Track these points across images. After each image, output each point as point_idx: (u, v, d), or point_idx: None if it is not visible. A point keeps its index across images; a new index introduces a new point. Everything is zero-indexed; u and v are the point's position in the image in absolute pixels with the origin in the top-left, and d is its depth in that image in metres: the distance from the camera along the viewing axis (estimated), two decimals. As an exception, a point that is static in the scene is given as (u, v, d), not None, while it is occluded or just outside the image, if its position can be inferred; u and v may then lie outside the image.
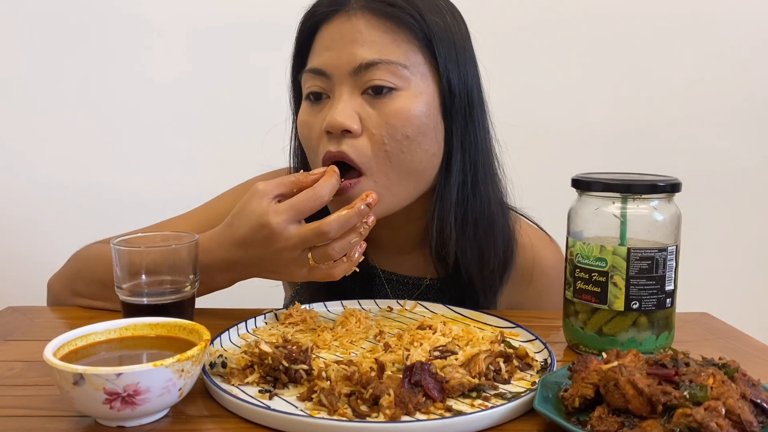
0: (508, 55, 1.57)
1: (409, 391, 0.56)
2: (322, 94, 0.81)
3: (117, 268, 0.72)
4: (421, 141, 0.79)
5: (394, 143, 0.78)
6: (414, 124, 0.78)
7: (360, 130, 0.78)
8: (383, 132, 0.78)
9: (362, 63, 0.77)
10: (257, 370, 0.62)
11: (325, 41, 0.81)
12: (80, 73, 1.54)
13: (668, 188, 0.69)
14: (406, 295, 0.94)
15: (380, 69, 0.77)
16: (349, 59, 0.78)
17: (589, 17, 1.57)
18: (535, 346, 0.72)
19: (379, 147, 0.78)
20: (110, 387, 0.51)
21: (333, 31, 0.80)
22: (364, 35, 0.78)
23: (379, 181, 0.79)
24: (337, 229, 0.71)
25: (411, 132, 0.78)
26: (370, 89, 0.78)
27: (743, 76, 1.59)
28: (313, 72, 0.81)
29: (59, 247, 1.38)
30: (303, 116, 0.83)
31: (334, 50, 0.79)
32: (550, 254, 0.94)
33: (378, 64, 0.77)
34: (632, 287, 0.68)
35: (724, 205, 1.63)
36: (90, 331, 0.61)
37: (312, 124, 0.81)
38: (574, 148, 1.59)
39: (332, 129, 0.77)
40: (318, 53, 0.82)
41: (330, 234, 0.71)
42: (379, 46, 0.78)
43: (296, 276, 0.76)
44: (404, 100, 0.78)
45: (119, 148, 1.58)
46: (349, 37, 0.78)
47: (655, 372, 0.53)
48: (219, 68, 1.56)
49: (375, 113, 0.78)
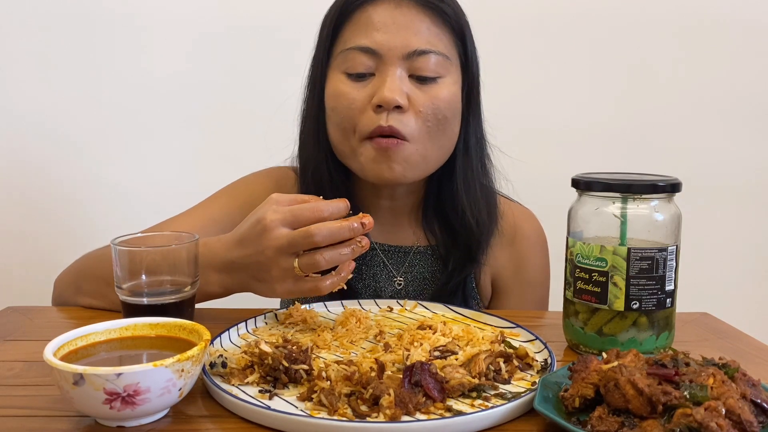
0: (508, 55, 1.57)
1: (409, 391, 0.56)
2: (366, 72, 0.87)
3: (117, 268, 0.72)
4: (453, 122, 0.90)
5: (435, 121, 0.87)
6: (452, 107, 0.89)
7: (407, 107, 0.86)
8: (429, 111, 0.87)
9: (416, 50, 0.86)
10: (257, 370, 0.62)
11: (375, 23, 0.87)
12: (80, 73, 1.54)
13: (668, 188, 0.69)
14: (400, 262, 1.00)
15: (430, 58, 0.86)
16: (404, 44, 0.86)
17: (590, 17, 1.57)
18: (535, 346, 0.72)
19: (424, 122, 0.87)
20: (110, 387, 0.51)
21: (382, 15, 0.87)
22: (415, 24, 0.86)
23: (419, 150, 0.88)
24: (326, 235, 0.71)
25: (449, 114, 0.89)
26: (419, 75, 0.87)
27: (744, 76, 1.59)
28: (362, 50, 0.87)
29: (60, 248, 1.39)
30: (343, 88, 0.88)
31: (387, 33, 0.86)
32: (529, 221, 1.05)
33: (429, 53, 0.86)
34: (632, 287, 0.68)
35: (724, 205, 1.63)
36: (90, 331, 0.61)
37: (354, 97, 0.87)
38: (574, 148, 1.59)
39: (386, 104, 0.84)
40: (366, 33, 0.87)
41: (316, 238, 0.71)
42: (428, 37, 0.87)
43: (282, 286, 0.75)
44: (447, 87, 0.88)
45: (121, 147, 1.58)
46: (401, 23, 0.86)
47: (655, 372, 0.53)
48: (221, 68, 1.56)
49: (422, 94, 0.87)
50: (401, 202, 0.99)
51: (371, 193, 0.99)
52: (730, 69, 1.59)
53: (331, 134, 0.92)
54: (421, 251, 1.00)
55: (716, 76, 1.59)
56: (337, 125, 0.90)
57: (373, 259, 1.00)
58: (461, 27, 0.90)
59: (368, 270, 1.00)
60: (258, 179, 1.05)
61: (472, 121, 0.94)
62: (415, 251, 1.00)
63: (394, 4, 0.87)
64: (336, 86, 0.89)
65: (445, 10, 0.88)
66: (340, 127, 0.89)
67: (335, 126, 0.90)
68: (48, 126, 1.55)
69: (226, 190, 1.04)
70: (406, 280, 1.00)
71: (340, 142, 0.90)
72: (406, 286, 1.00)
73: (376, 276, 1.00)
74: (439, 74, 0.87)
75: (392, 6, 0.87)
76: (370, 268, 1.00)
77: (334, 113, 0.89)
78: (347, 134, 0.89)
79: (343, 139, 0.90)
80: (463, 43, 0.91)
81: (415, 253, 1.00)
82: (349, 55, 0.87)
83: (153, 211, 1.17)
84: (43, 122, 1.55)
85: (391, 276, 1.00)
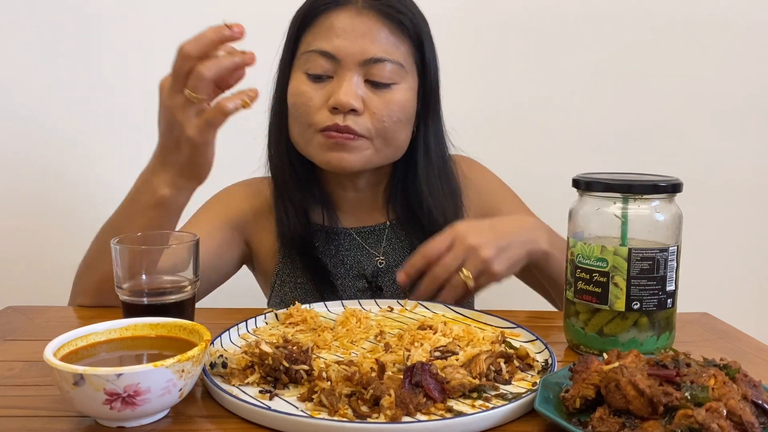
0: (508, 56, 1.57)
1: (409, 391, 0.56)
2: (324, 75, 0.92)
3: (117, 268, 0.72)
4: (407, 125, 0.97)
5: (390, 123, 0.93)
6: (405, 112, 0.95)
7: (362, 110, 0.92)
8: (383, 114, 0.92)
9: (372, 57, 0.91)
10: (257, 371, 0.62)
11: (335, 29, 0.91)
12: (80, 73, 1.54)
13: (669, 188, 0.69)
14: (377, 241, 1.05)
15: (386, 66, 0.92)
16: (361, 51, 0.91)
17: (591, 18, 1.56)
18: (535, 347, 0.71)
19: (379, 123, 0.93)
20: (110, 387, 0.51)
21: (343, 22, 0.91)
22: (373, 32, 0.91)
23: (374, 146, 0.94)
24: (194, 45, 0.74)
25: (403, 117, 0.95)
26: (374, 80, 0.92)
27: (744, 76, 1.59)
28: (322, 53, 0.92)
29: (60, 247, 1.38)
30: (302, 87, 0.94)
31: (346, 39, 0.91)
32: (471, 162, 1.12)
33: (385, 61, 0.92)
34: (633, 288, 0.68)
35: (724, 205, 1.63)
36: (90, 331, 0.61)
37: (312, 96, 0.93)
38: (574, 148, 1.59)
39: (341, 107, 0.90)
40: (326, 38, 0.92)
41: (186, 49, 0.74)
42: (385, 46, 0.92)
43: (190, 127, 0.77)
44: (401, 93, 0.94)
45: (121, 147, 1.58)
46: (360, 31, 0.91)
47: (656, 373, 0.53)
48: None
49: (377, 99, 0.92)
50: (364, 194, 1.05)
51: (335, 184, 1.04)
52: (730, 69, 1.59)
53: (291, 128, 0.98)
54: (396, 226, 1.06)
55: (717, 76, 1.59)
56: (296, 119, 0.96)
57: (351, 244, 1.04)
58: (419, 36, 0.95)
59: (348, 254, 1.04)
60: (237, 190, 1.10)
61: (431, 123, 1.00)
62: (388, 228, 1.06)
63: (355, 12, 0.92)
64: (297, 85, 0.94)
65: (403, 21, 0.93)
66: (299, 122, 0.95)
67: (294, 120, 0.96)
68: (47, 126, 1.55)
69: (208, 206, 1.07)
70: (387, 258, 1.04)
71: (298, 133, 0.96)
72: (388, 263, 1.04)
73: (357, 258, 1.04)
74: (393, 81, 0.93)
75: (353, 14, 0.92)
76: (349, 251, 1.04)
77: (293, 109, 0.95)
78: (304, 128, 0.95)
79: (300, 131, 0.96)
80: (421, 51, 0.96)
81: (389, 229, 1.06)
82: (310, 57, 0.93)
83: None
84: (43, 122, 1.55)
85: (372, 256, 1.04)
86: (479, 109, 1.58)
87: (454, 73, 1.59)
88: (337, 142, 0.92)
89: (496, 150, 1.02)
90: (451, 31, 1.54)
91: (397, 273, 0.88)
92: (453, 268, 0.85)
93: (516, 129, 1.59)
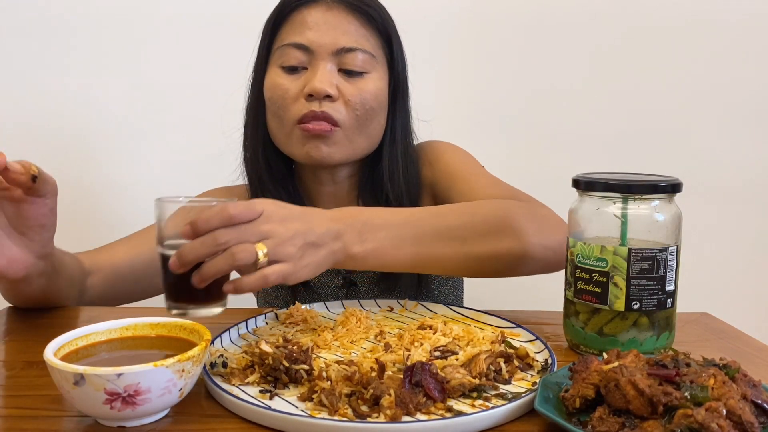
0: (508, 55, 1.57)
1: (409, 391, 0.56)
2: (299, 66, 0.96)
3: (160, 224, 0.68)
4: (380, 113, 0.99)
5: (363, 111, 0.96)
6: (378, 100, 0.98)
7: (337, 96, 0.94)
8: (357, 101, 0.95)
9: (344, 47, 0.94)
10: (258, 370, 0.62)
11: (307, 23, 0.95)
12: (80, 72, 1.54)
13: (669, 188, 0.69)
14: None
15: (357, 55, 0.95)
16: (333, 42, 0.94)
17: (591, 18, 1.57)
18: (535, 347, 0.72)
19: (353, 111, 0.95)
20: (111, 387, 0.51)
21: (315, 16, 0.95)
22: (344, 25, 0.95)
23: (348, 135, 0.96)
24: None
25: (376, 105, 0.97)
26: (347, 69, 0.95)
27: (744, 76, 1.59)
28: (296, 46, 0.95)
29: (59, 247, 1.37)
30: (277, 80, 0.96)
31: (318, 31, 0.94)
32: (433, 143, 1.11)
33: (356, 51, 0.95)
34: (633, 287, 0.68)
35: (724, 205, 1.63)
36: (90, 331, 0.61)
37: (288, 87, 0.95)
38: (574, 148, 1.59)
39: (316, 93, 0.93)
40: (299, 31, 0.95)
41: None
42: (356, 37, 0.96)
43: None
44: (373, 82, 0.97)
45: (121, 148, 1.58)
46: (332, 23, 0.95)
47: (655, 372, 0.53)
48: (221, 68, 1.56)
49: (350, 86, 0.95)
50: (341, 187, 1.06)
51: (313, 180, 1.06)
52: (730, 69, 1.59)
53: (269, 123, 1.00)
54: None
55: (717, 75, 1.59)
56: (273, 113, 0.97)
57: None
58: (387, 30, 0.99)
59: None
60: (215, 193, 1.11)
61: (398, 115, 1.03)
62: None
63: (326, 7, 0.96)
64: (273, 79, 0.97)
65: (372, 15, 0.97)
66: (277, 115, 0.97)
67: (272, 115, 0.98)
68: (47, 126, 1.55)
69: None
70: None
71: (277, 128, 0.98)
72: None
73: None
74: (365, 70, 0.96)
75: (324, 8, 0.96)
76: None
77: (270, 103, 0.97)
78: (282, 121, 0.96)
79: (279, 125, 0.97)
80: (389, 45, 1.00)
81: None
82: (285, 51, 0.96)
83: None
84: (43, 122, 1.55)
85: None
86: (479, 109, 1.58)
87: (454, 73, 1.60)
88: (317, 134, 0.93)
89: (495, 150, 1.02)
90: (451, 31, 1.55)
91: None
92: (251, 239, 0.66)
93: (516, 129, 1.59)
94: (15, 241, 0.76)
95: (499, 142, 1.57)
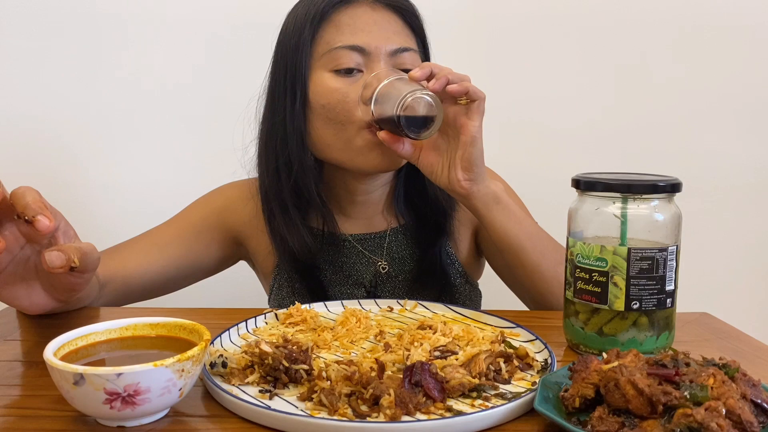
0: (507, 55, 1.57)
1: (409, 391, 0.56)
2: (355, 68, 0.91)
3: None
4: None
5: None
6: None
7: None
8: None
9: (399, 47, 0.93)
10: (257, 370, 0.62)
11: (357, 24, 0.92)
12: (80, 72, 1.54)
13: (669, 188, 0.69)
14: (378, 246, 1.05)
15: (411, 55, 0.94)
16: (388, 42, 0.92)
17: (590, 17, 1.57)
18: (535, 346, 0.72)
19: None
20: (110, 387, 0.51)
21: (363, 17, 0.92)
22: (392, 24, 0.94)
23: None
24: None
25: None
26: (402, 68, 0.92)
27: (744, 76, 1.59)
28: (351, 48, 0.91)
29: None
30: (334, 84, 0.91)
31: (371, 33, 0.92)
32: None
33: (409, 50, 0.94)
34: (633, 287, 0.68)
35: (724, 205, 1.63)
36: (90, 331, 0.61)
37: (346, 92, 0.90)
38: (574, 148, 1.59)
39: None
40: (352, 33, 0.91)
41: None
42: (404, 36, 0.95)
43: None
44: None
45: (120, 148, 1.58)
46: (381, 24, 0.93)
47: (655, 372, 0.53)
48: (222, 69, 1.56)
49: None
50: (374, 195, 1.04)
51: (345, 189, 1.02)
52: (729, 69, 1.59)
53: (319, 130, 0.94)
54: (399, 231, 1.06)
55: (716, 75, 1.59)
56: (329, 120, 0.92)
57: (350, 251, 1.04)
58: (422, 29, 0.99)
59: (346, 261, 1.03)
60: (231, 192, 1.08)
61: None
62: (390, 234, 1.05)
63: (370, 7, 0.93)
64: (326, 83, 0.91)
65: (411, 13, 0.96)
66: (334, 121, 0.91)
67: (327, 121, 0.92)
68: (47, 126, 1.55)
69: (202, 200, 1.08)
70: (390, 263, 1.04)
71: (332, 134, 0.92)
72: (392, 267, 1.04)
73: (355, 266, 1.03)
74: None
75: (369, 8, 0.93)
76: (348, 259, 1.04)
77: (325, 109, 0.91)
78: (342, 126, 0.91)
79: (336, 132, 0.92)
80: (424, 44, 1.00)
81: (391, 235, 1.05)
82: (338, 54, 0.91)
83: (153, 211, 1.17)
84: (43, 122, 1.55)
85: (372, 262, 1.03)
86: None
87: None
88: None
89: (495, 150, 1.01)
90: (452, 31, 1.55)
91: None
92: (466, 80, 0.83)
93: (515, 129, 1.59)
94: (45, 286, 0.79)
95: (498, 141, 1.56)
